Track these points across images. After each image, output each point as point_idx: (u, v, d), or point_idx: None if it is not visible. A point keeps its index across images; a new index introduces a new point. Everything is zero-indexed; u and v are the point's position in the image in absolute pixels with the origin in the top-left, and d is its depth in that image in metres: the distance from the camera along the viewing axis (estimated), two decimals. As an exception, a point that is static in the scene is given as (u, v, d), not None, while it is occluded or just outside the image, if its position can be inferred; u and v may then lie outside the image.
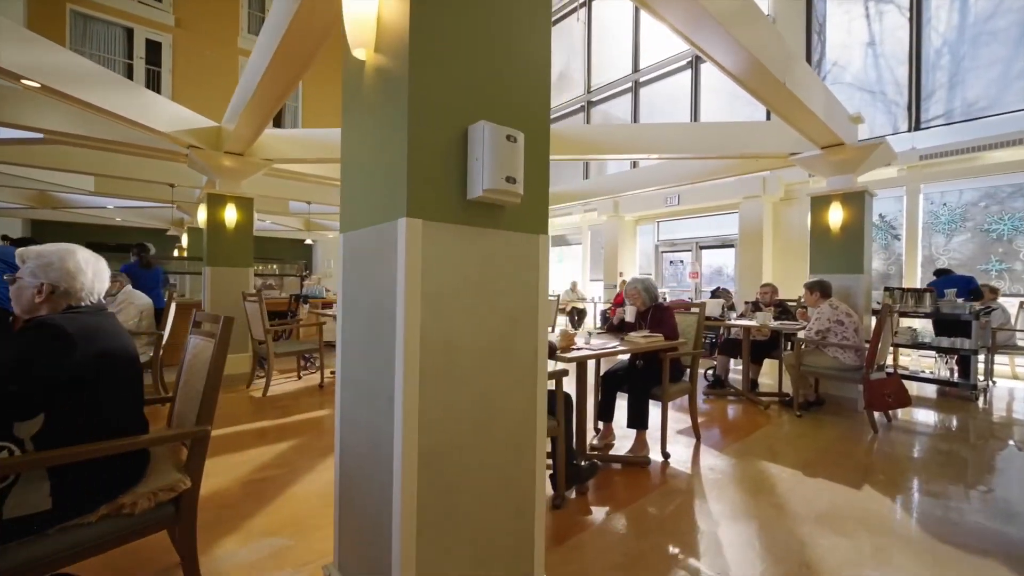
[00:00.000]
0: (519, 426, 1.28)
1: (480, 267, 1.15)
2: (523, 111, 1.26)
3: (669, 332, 2.92)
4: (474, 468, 1.18)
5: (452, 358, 1.11)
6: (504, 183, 1.08)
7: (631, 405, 2.88)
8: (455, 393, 1.12)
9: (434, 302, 1.07)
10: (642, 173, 6.54)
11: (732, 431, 3.49)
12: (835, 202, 4.24)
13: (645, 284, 3.18)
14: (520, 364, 1.24)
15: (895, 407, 3.36)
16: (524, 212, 1.25)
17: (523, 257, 1.24)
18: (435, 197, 1.07)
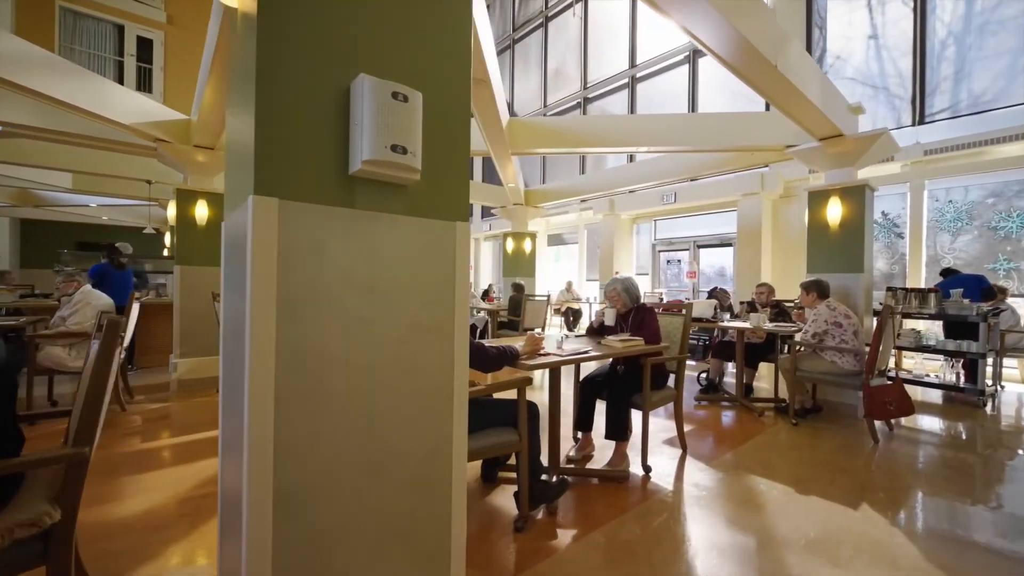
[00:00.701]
0: (427, 460, 1.06)
1: (368, 261, 0.94)
2: (425, 66, 1.02)
3: (650, 335, 2.71)
4: (359, 515, 0.96)
5: (325, 376, 0.89)
6: (390, 153, 0.86)
7: (609, 414, 2.66)
8: (329, 420, 0.90)
9: (297, 305, 0.85)
10: (637, 168, 6.32)
11: (722, 441, 3.26)
12: (834, 197, 4.01)
13: (625, 284, 2.97)
14: (428, 383, 1.02)
15: (897, 416, 3.13)
16: (433, 194, 1.03)
17: (432, 250, 1.02)
18: (299, 171, 0.85)
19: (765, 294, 4.74)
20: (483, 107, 3.37)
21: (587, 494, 2.39)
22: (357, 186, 0.92)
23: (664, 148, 4.45)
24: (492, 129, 3.82)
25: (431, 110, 0.99)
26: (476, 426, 1.96)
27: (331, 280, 0.90)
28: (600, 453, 2.90)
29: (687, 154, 5.57)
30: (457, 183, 1.05)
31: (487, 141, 4.11)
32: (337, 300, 0.90)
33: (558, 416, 2.53)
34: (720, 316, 4.35)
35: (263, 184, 0.82)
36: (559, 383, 2.54)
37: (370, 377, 0.94)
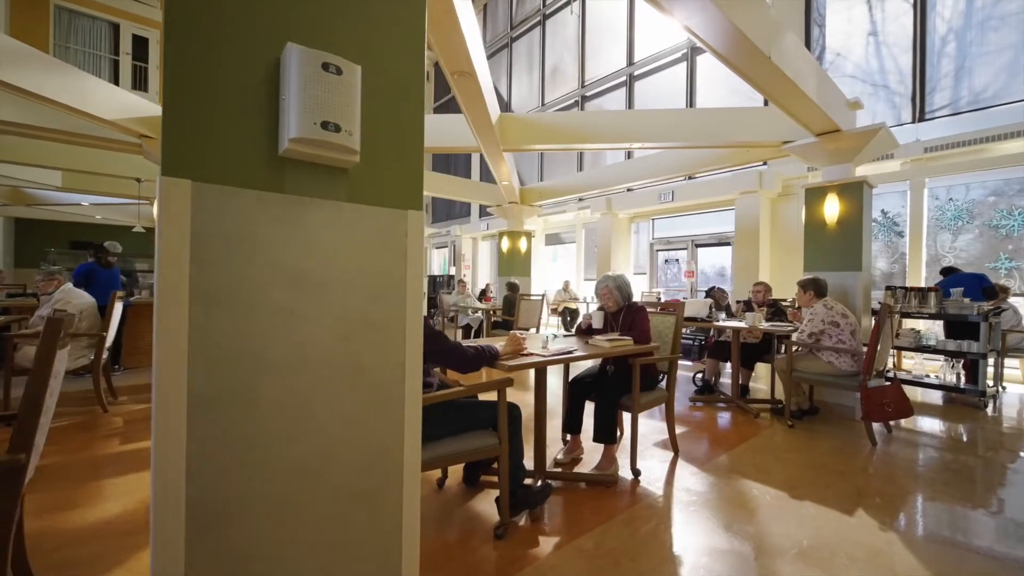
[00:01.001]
0: (373, 468, 0.97)
1: (305, 252, 0.85)
2: (366, 37, 0.93)
3: (639, 335, 2.62)
4: (293, 531, 0.87)
5: (254, 378, 0.81)
6: (319, 131, 0.78)
7: (597, 416, 2.58)
8: (258, 426, 0.82)
9: (219, 299, 0.77)
10: (633, 166, 6.23)
11: (716, 443, 3.18)
12: (831, 194, 3.93)
13: (617, 282, 2.89)
14: (375, 384, 0.93)
15: (895, 418, 3.05)
16: (379, 180, 0.94)
17: (380, 240, 0.93)
18: (220, 151, 0.77)
19: (762, 293, 4.66)
20: (470, 101, 3.29)
21: (573, 499, 2.31)
22: (289, 169, 0.83)
23: (659, 144, 4.36)
24: (481, 125, 3.74)
25: (374, 86, 0.91)
26: (455, 429, 1.88)
27: (261, 272, 0.81)
28: (589, 456, 2.82)
29: (684, 151, 5.50)
30: (409, 168, 0.96)
31: (477, 137, 4.03)
32: (268, 294, 0.82)
33: (544, 418, 2.45)
34: (715, 316, 4.27)
35: (172, 163, 0.73)
36: (545, 384, 2.46)
37: (307, 378, 0.85)
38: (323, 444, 0.89)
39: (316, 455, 0.87)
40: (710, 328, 4.33)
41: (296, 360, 0.84)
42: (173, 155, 0.73)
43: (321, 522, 0.89)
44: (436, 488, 2.40)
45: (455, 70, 2.82)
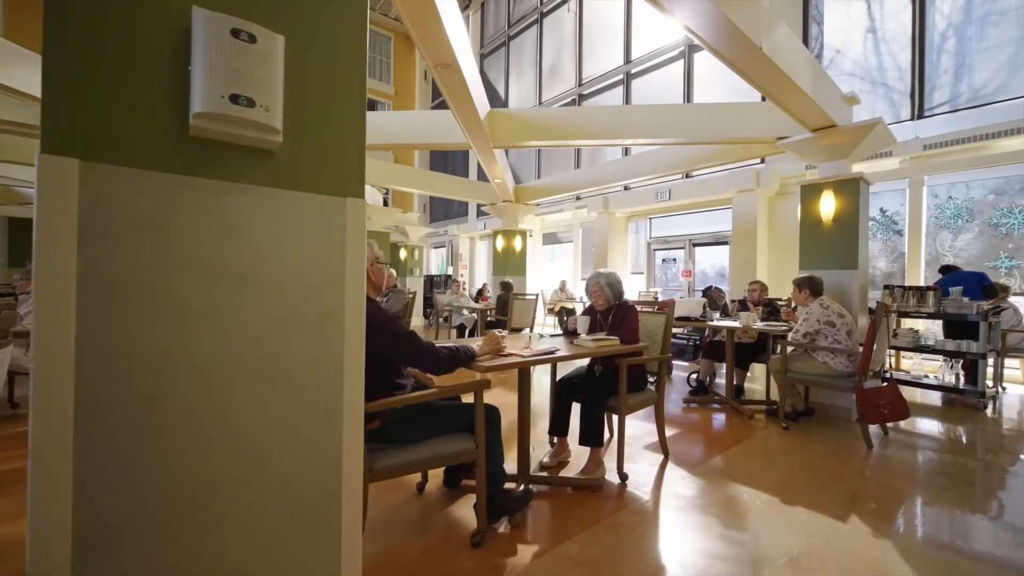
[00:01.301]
0: (307, 482, 0.88)
1: (221, 242, 0.77)
2: (291, 2, 0.83)
3: (626, 335, 2.55)
4: (205, 554, 0.77)
5: (158, 382, 0.73)
6: (229, 106, 0.69)
7: (583, 418, 2.50)
8: (163, 437, 0.73)
9: (115, 294, 0.69)
10: (628, 163, 6.15)
11: (708, 445, 3.10)
12: (827, 191, 3.85)
13: (609, 279, 2.81)
14: (308, 389, 0.85)
15: (891, 420, 2.97)
16: (311, 163, 0.86)
17: (313, 230, 0.85)
18: (115, 126, 0.69)
19: (757, 292, 4.58)
20: (454, 95, 3.21)
21: (556, 505, 2.23)
22: (202, 150, 0.75)
23: (652, 140, 4.29)
24: (469, 120, 3.66)
25: (305, 59, 0.83)
26: (430, 432, 1.81)
27: (168, 263, 0.73)
28: (577, 459, 2.74)
29: (680, 148, 5.42)
30: (348, 152, 0.88)
31: (466, 133, 3.96)
32: (177, 288, 0.74)
33: (528, 420, 2.37)
34: (709, 315, 4.19)
35: (55, 140, 0.65)
36: (529, 385, 2.38)
37: (227, 383, 0.77)
38: (244, 458, 0.80)
39: (235, 470, 0.78)
40: (704, 328, 4.25)
41: (213, 362, 0.76)
42: (56, 131, 0.65)
43: (239, 546, 0.81)
44: (416, 493, 2.33)
45: (438, 62, 2.74)
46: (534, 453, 2.84)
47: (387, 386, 1.72)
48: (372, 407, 1.61)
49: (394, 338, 1.65)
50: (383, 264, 1.78)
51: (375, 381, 1.71)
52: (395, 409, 1.74)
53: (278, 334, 0.82)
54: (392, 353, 1.68)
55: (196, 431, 0.76)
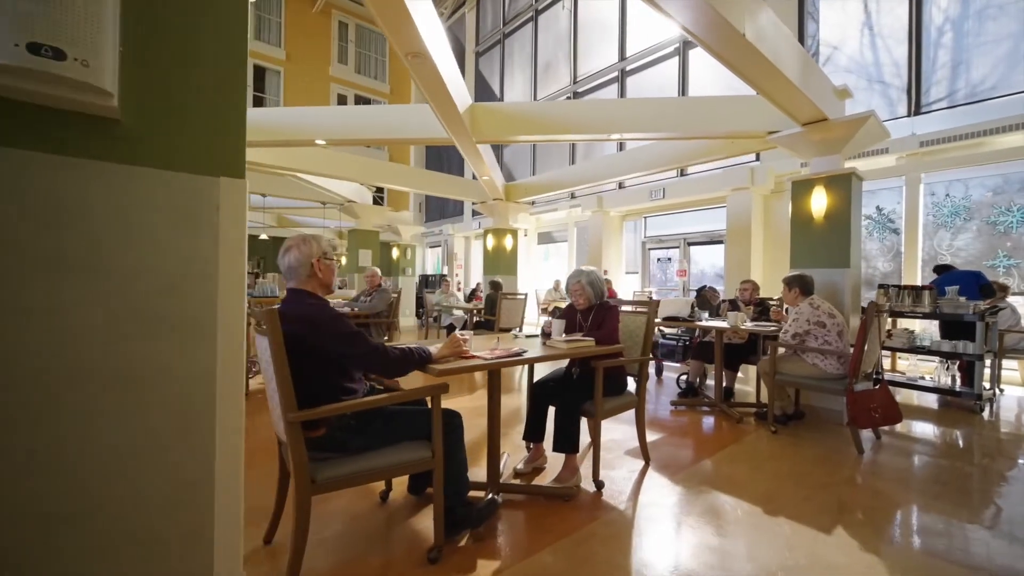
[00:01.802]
0: (165, 512, 0.77)
1: (53, 227, 0.63)
2: None
3: (604, 336, 2.43)
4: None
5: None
6: (24, 57, 0.57)
7: (557, 423, 2.38)
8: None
9: None
10: (619, 160, 6.03)
11: (693, 450, 2.98)
12: (818, 186, 3.73)
13: (590, 278, 2.69)
14: (171, 400, 0.73)
15: (883, 424, 2.85)
16: (169, 135, 0.73)
17: (175, 215, 0.73)
18: None
19: (748, 291, 4.46)
20: (429, 86, 3.08)
21: (525, 515, 2.11)
22: (11, 115, 0.63)
23: (639, 135, 4.16)
24: (447, 114, 3.53)
25: (150, 7, 0.71)
26: (384, 440, 1.69)
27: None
28: (554, 466, 2.62)
29: (671, 144, 5.30)
30: (222, 124, 0.76)
31: (446, 128, 3.83)
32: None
33: (498, 425, 2.25)
34: (698, 315, 4.07)
35: None
36: (499, 388, 2.27)
37: (62, 391, 0.65)
38: (85, 479, 0.68)
39: (71, 493, 0.66)
40: (694, 328, 4.13)
41: (43, 367, 0.63)
42: None
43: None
44: (379, 501, 2.21)
45: (407, 51, 2.62)
46: (510, 459, 2.72)
47: (334, 390, 1.60)
48: (313, 414, 1.49)
49: (336, 338, 1.53)
50: (332, 260, 1.66)
51: (319, 385, 1.59)
52: (344, 415, 1.62)
53: (134, 334, 0.70)
54: (336, 354, 1.56)
55: (24, 447, 0.64)
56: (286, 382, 1.44)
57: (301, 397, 1.57)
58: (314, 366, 1.55)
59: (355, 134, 4.23)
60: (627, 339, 2.82)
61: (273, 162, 5.55)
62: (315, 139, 4.20)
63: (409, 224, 11.64)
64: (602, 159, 6.62)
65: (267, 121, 4.39)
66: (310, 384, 1.56)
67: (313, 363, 1.55)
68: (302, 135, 4.24)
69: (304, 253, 1.60)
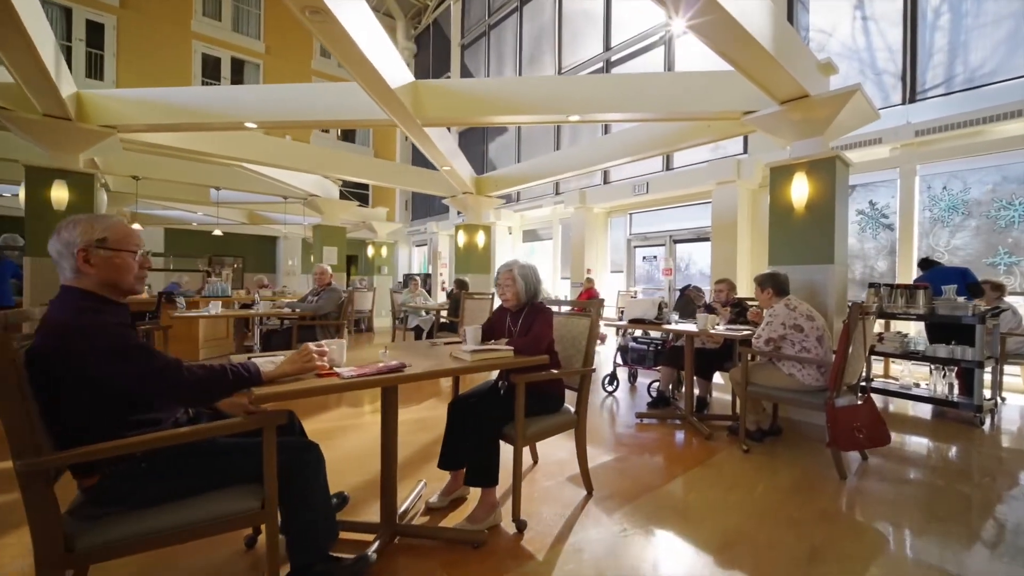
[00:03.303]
0: None
1: None
2: None
3: (527, 344, 2.01)
4: None
5: None
6: None
7: (471, 450, 1.97)
8: None
9: None
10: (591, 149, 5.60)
11: (648, 476, 2.56)
12: (799, 173, 3.32)
13: (524, 270, 2.27)
14: None
15: (868, 446, 2.44)
16: None
17: None
18: None
19: (724, 292, 4.05)
20: (345, 55, 2.62)
21: (416, 569, 1.69)
22: None
23: (601, 115, 3.74)
24: (376, 89, 3.10)
25: None
26: (196, 486, 1.28)
27: None
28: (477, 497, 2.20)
29: (649, 129, 4.85)
30: None
31: (383, 108, 3.40)
32: None
33: (392, 453, 1.84)
34: (667, 316, 3.65)
35: None
36: (394, 409, 1.85)
37: None
38: None
39: None
40: (661, 331, 3.72)
41: None
42: None
43: None
44: (244, 548, 1.79)
45: (302, 5, 2.19)
46: (428, 489, 2.31)
47: (115, 425, 1.18)
48: (73, 456, 1.08)
49: (99, 354, 1.10)
50: (121, 250, 1.24)
51: (87, 418, 1.17)
52: (131, 457, 1.20)
53: None
54: (104, 376, 1.13)
55: None
56: (15, 415, 1.03)
57: (61, 433, 1.15)
58: (75, 392, 1.14)
59: (280, 116, 3.79)
60: (568, 347, 2.41)
61: (216, 150, 5.13)
62: (240, 121, 3.77)
63: (384, 221, 11.20)
64: (575, 148, 6.19)
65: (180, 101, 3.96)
66: (75, 416, 1.15)
67: (73, 388, 1.13)
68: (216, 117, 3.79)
69: (65, 240, 1.17)
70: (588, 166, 5.41)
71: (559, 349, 2.46)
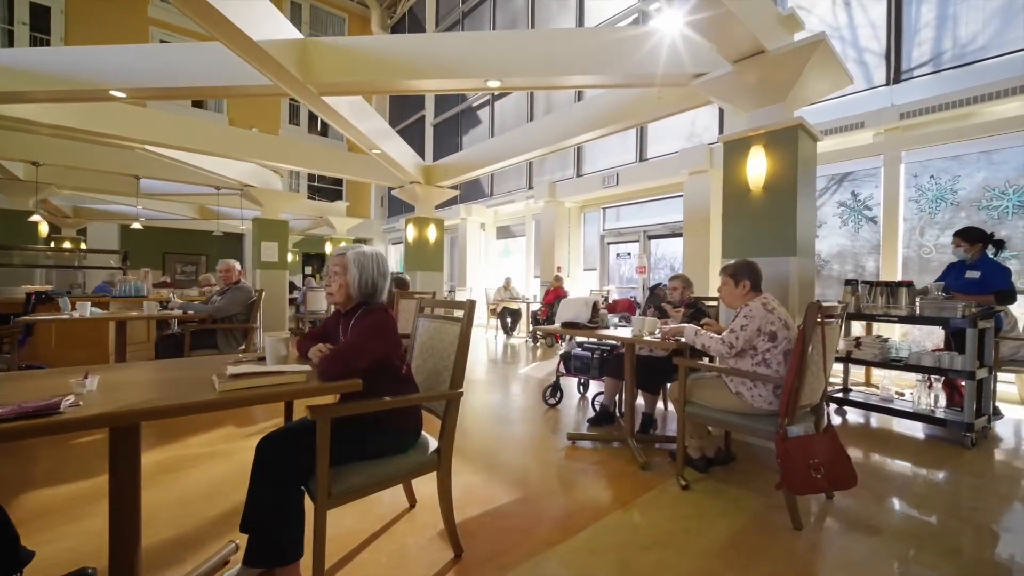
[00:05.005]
0: None
1: None
2: None
3: (330, 364, 1.42)
4: None
5: None
6: None
7: (267, 511, 1.39)
8: None
9: None
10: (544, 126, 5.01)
11: (545, 527, 1.99)
12: (756, 146, 2.77)
13: (361, 258, 1.69)
14: None
15: (828, 490, 1.87)
16: None
17: None
18: None
19: (679, 290, 3.49)
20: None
21: None
22: None
23: (530, 80, 3.17)
24: (241, 45, 2.49)
25: None
26: None
27: None
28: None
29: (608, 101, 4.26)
30: None
31: (263, 72, 2.79)
32: None
33: (132, 525, 1.26)
34: (603, 320, 3.08)
35: None
36: (132, 463, 1.27)
37: None
38: None
39: None
40: (591, 337, 3.13)
41: None
42: None
43: None
44: None
45: None
46: (238, 554, 1.72)
47: None
48: None
49: None
50: None
51: None
52: None
53: None
54: None
55: None
56: None
57: None
58: None
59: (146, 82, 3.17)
60: (438, 361, 1.83)
61: (112, 130, 4.50)
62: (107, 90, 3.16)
63: (343, 216, 10.57)
64: (519, 131, 5.59)
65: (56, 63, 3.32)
66: None
67: None
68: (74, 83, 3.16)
69: None
70: (545, 145, 4.79)
71: (421, 363, 1.89)
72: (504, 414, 3.70)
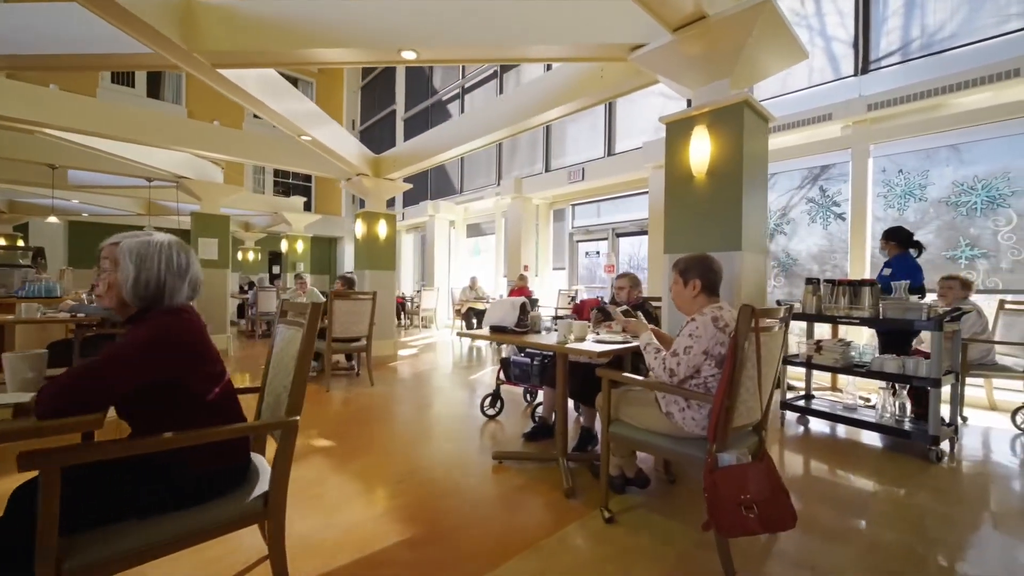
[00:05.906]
0: None
1: None
2: None
3: (56, 391, 1.04)
4: None
5: None
6: None
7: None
8: None
9: None
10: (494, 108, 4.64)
11: (438, 573, 1.64)
12: (699, 127, 2.45)
13: (140, 248, 1.26)
14: None
15: (760, 531, 1.55)
16: None
17: None
18: None
19: (626, 290, 3.16)
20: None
21: None
22: None
23: (443, 50, 2.79)
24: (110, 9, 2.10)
25: None
26: None
27: None
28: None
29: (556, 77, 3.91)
30: None
31: (142, 39, 2.37)
32: None
33: None
34: (535, 323, 2.74)
35: None
36: None
37: None
38: None
39: None
40: (516, 344, 2.78)
41: None
42: None
43: None
44: None
45: None
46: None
47: None
48: None
49: None
50: None
51: None
52: None
53: None
54: None
55: None
56: None
57: None
58: None
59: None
60: (284, 378, 1.46)
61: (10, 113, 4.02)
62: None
63: (300, 212, 10.07)
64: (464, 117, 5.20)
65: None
66: None
67: None
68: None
69: None
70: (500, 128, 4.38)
71: (271, 379, 1.52)
72: (433, 429, 3.34)
